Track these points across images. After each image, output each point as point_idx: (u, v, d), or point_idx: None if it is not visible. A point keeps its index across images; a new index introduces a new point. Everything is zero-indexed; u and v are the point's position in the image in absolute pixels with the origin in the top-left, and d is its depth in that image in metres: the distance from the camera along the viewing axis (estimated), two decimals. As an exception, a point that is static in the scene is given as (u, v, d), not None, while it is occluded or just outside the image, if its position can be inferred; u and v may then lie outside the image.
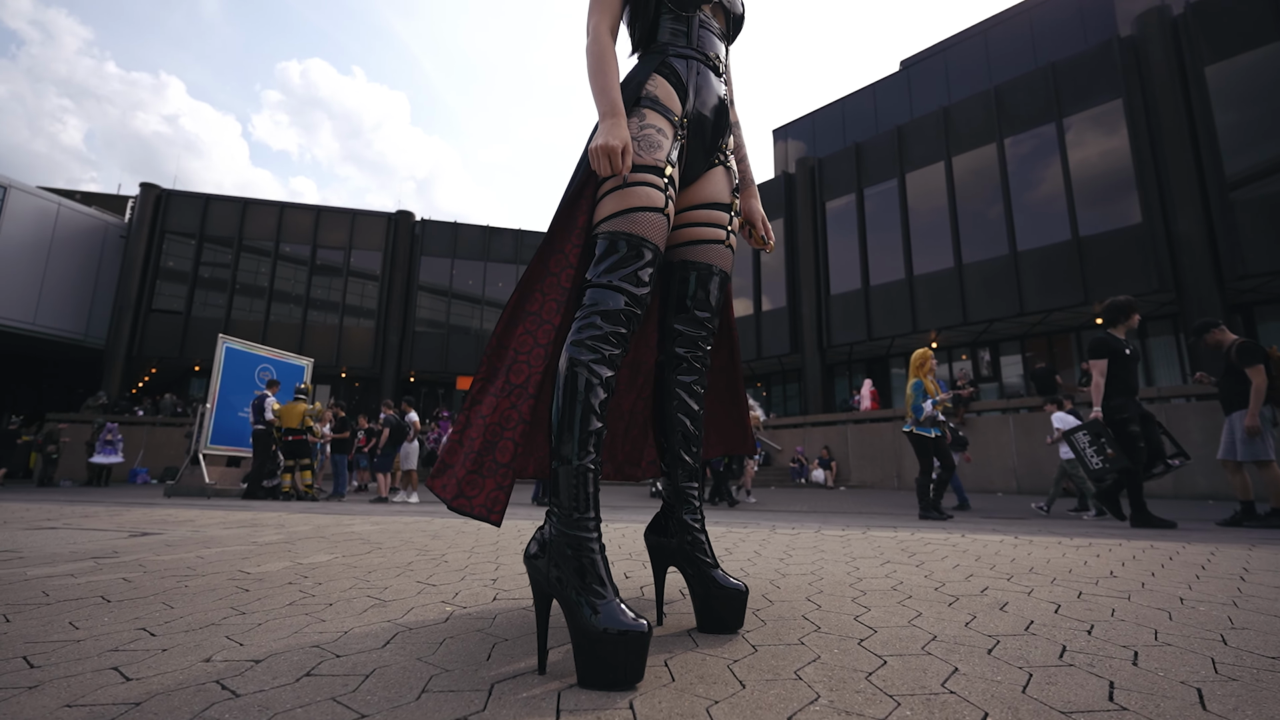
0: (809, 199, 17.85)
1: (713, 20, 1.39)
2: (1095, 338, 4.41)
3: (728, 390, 1.54)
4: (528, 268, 1.22)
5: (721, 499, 8.32)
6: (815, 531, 2.92)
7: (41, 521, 3.34)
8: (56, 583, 1.68)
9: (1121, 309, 4.41)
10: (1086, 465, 4.25)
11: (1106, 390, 4.26)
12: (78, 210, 19.52)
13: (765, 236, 1.53)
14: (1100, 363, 4.30)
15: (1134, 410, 4.22)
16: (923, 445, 5.72)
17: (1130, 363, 4.30)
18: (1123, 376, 4.26)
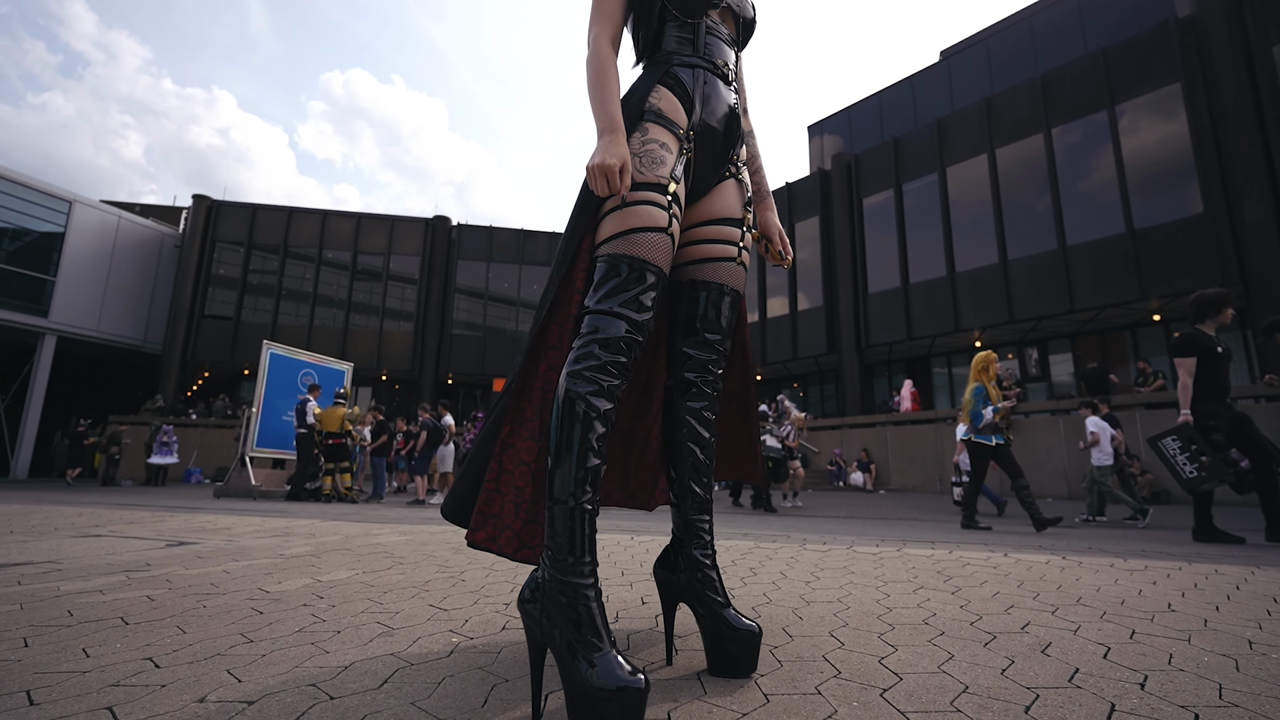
0: (845, 196, 17.47)
1: (721, 26, 1.32)
2: (1183, 334, 4.02)
3: (739, 414, 1.46)
4: (542, 297, 1.17)
5: (758, 504, 8.17)
6: (847, 548, 2.81)
7: (90, 528, 3.47)
8: (84, 600, 1.71)
9: (1212, 302, 3.99)
10: (1179, 475, 3.87)
11: (1195, 392, 3.91)
12: (136, 222, 20.47)
13: (782, 251, 1.45)
14: (1188, 361, 3.91)
15: (1224, 416, 3.85)
16: (980, 455, 5.39)
17: (1222, 362, 3.89)
18: (1213, 377, 3.87)
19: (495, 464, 1.13)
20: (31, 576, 2.06)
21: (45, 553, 2.56)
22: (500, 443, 1.14)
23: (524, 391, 1.16)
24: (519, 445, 1.14)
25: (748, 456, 1.48)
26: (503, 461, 1.13)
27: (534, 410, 1.14)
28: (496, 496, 1.11)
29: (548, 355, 1.16)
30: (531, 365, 1.16)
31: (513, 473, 1.12)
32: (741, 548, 2.80)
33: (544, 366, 1.15)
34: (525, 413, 1.15)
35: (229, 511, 4.97)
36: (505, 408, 1.15)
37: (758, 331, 19.04)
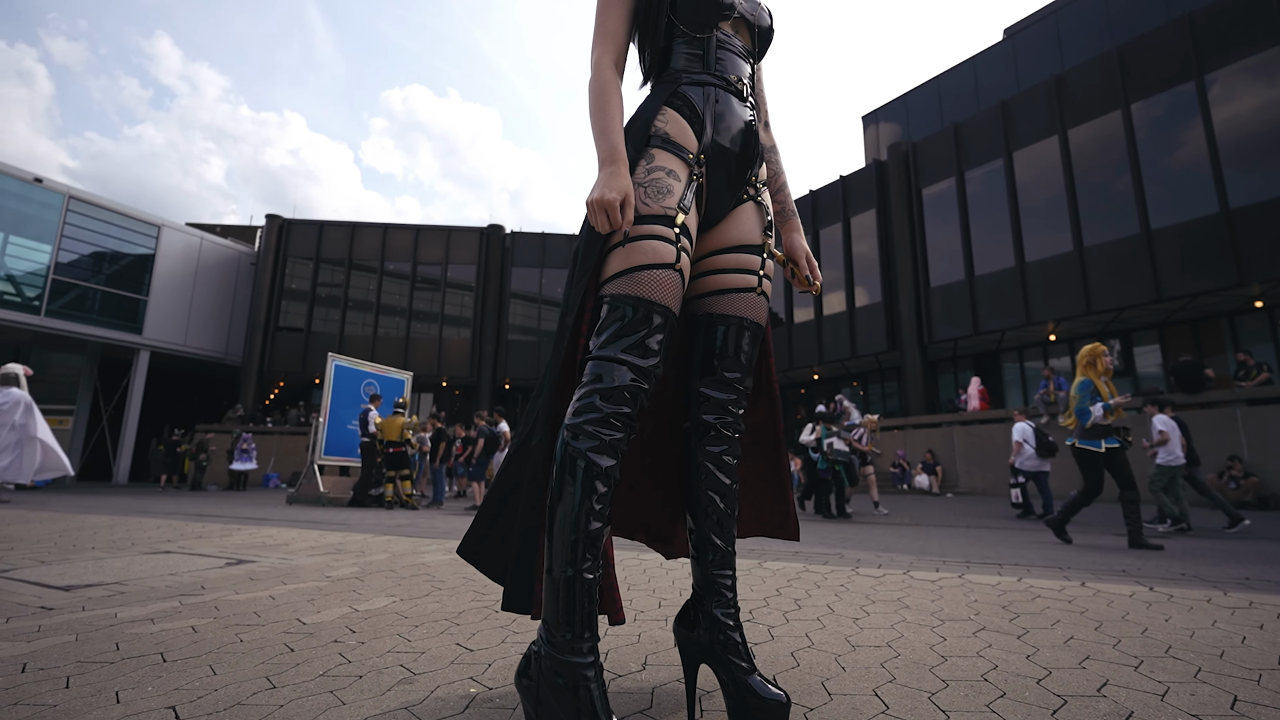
0: (903, 186, 16.81)
1: (734, 38, 1.22)
2: None
3: (766, 457, 1.35)
4: (555, 341, 1.11)
5: (820, 510, 7.88)
6: (904, 574, 2.64)
7: (162, 543, 3.66)
8: (133, 631, 1.76)
9: None
10: None
11: None
12: (216, 242, 21.84)
13: (810, 276, 1.33)
14: None
15: None
16: (1090, 463, 4.80)
17: None
18: None
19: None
20: (96, 600, 2.16)
21: (116, 572, 2.70)
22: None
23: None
24: None
25: (777, 505, 1.35)
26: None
27: None
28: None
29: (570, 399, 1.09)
30: (560, 406, 1.10)
31: None
32: (789, 571, 2.67)
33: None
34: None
35: (292, 523, 5.18)
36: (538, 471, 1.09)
37: (813, 329, 18.56)
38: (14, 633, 1.76)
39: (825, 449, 7.87)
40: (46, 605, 2.09)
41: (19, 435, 7.59)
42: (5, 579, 2.56)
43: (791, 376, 20.47)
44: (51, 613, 1.99)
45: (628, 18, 1.18)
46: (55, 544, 3.60)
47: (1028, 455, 7.83)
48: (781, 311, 19.73)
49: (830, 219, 18.60)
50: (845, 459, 7.83)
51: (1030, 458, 7.82)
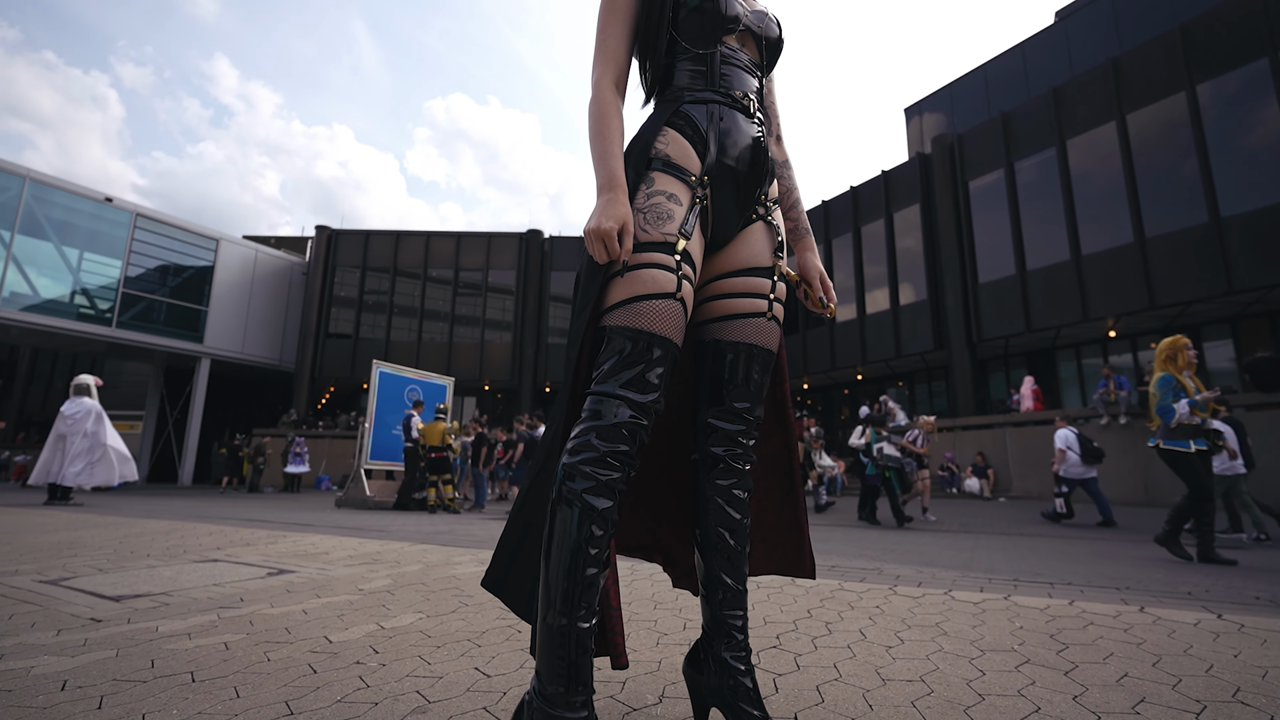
0: (948, 180, 16.27)
1: (740, 52, 1.17)
2: None
3: (780, 489, 1.28)
4: (565, 370, 1.08)
5: (865, 517, 7.58)
6: (945, 594, 2.52)
7: (212, 550, 3.80)
8: (170, 648, 1.82)
9: None
10: None
11: None
12: (270, 254, 22.77)
13: (825, 299, 1.27)
14: None
15: None
16: (1184, 465, 4.36)
17: None
18: None
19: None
20: (142, 612, 2.25)
21: (164, 582, 2.81)
22: None
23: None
24: None
25: (791, 540, 1.29)
26: None
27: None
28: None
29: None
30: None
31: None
32: (822, 590, 2.58)
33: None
34: None
35: (336, 529, 5.32)
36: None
37: (856, 328, 18.14)
38: (61, 646, 1.83)
39: (875, 454, 7.58)
40: (96, 617, 2.18)
41: (90, 443, 8.05)
42: (64, 588, 2.69)
43: (834, 377, 20.06)
44: (99, 625, 2.07)
45: (628, 36, 1.14)
46: (115, 550, 3.78)
47: (1073, 462, 7.56)
48: (823, 310, 19.33)
49: (872, 215, 18.15)
50: (897, 464, 7.49)
51: (1075, 464, 7.54)
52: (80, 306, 17.65)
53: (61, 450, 8.00)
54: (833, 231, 19.27)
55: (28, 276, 16.68)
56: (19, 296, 16.47)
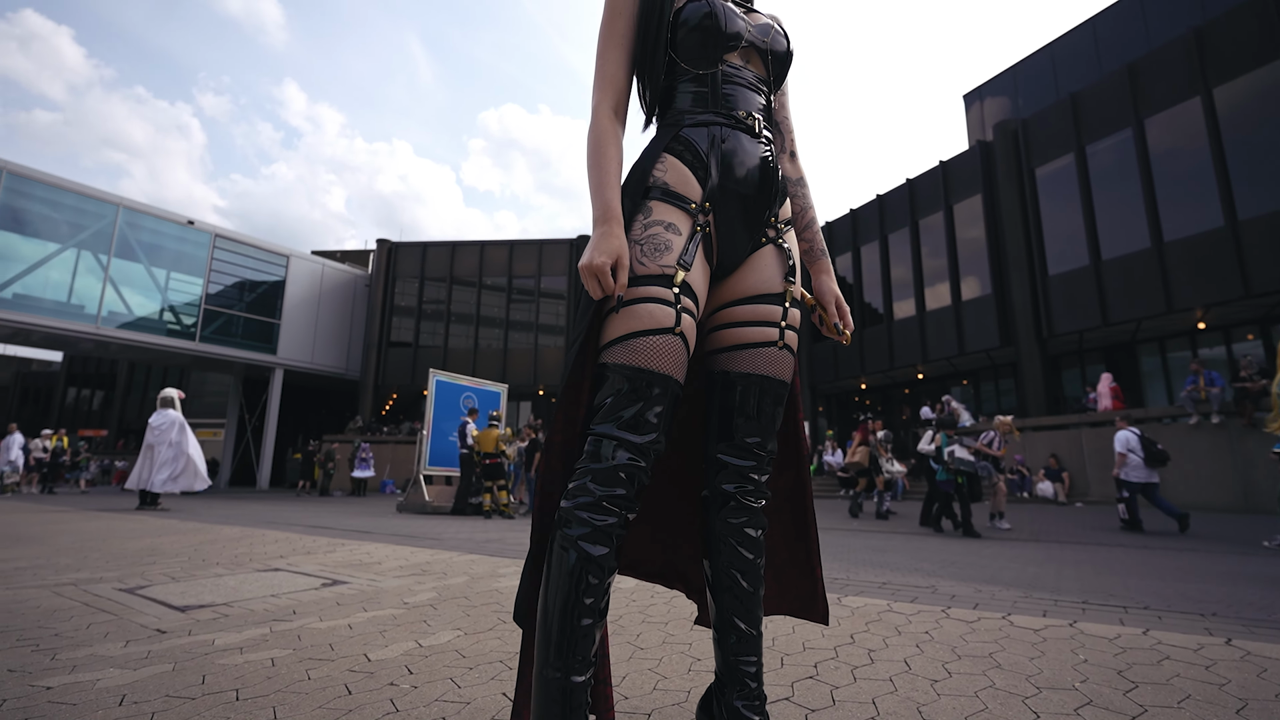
0: (1012, 168, 15.49)
1: (744, 69, 1.12)
2: None
3: (793, 525, 1.22)
4: (557, 401, 1.06)
5: (930, 524, 7.20)
6: (1003, 617, 2.37)
7: (275, 558, 3.99)
8: (222, 663, 1.90)
9: None
10: None
11: None
12: (335, 268, 23.89)
13: (840, 324, 1.20)
14: None
15: None
16: None
17: None
18: None
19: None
20: (203, 624, 2.37)
21: (228, 592, 2.96)
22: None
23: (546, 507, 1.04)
24: None
25: (804, 581, 1.22)
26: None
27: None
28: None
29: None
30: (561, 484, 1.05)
31: None
32: (869, 611, 2.47)
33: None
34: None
35: (392, 537, 5.50)
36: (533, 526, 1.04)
37: (916, 325, 17.48)
38: (126, 658, 1.94)
39: (946, 458, 7.17)
40: (161, 628, 2.31)
41: (175, 452, 8.61)
42: (138, 596, 2.87)
43: (893, 376, 19.40)
44: (163, 637, 2.19)
45: (627, 60, 1.11)
46: (189, 558, 4.01)
47: (1134, 465, 7.09)
48: (880, 306, 18.76)
49: (930, 208, 17.46)
50: (970, 468, 7.04)
51: (1137, 468, 7.05)
52: (168, 323, 18.98)
53: (150, 459, 8.60)
54: (888, 226, 18.65)
55: (123, 296, 18.06)
56: (116, 315, 17.85)
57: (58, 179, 16.96)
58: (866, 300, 19.37)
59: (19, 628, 2.31)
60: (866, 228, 19.50)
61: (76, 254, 17.35)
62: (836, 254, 20.58)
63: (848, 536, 6.47)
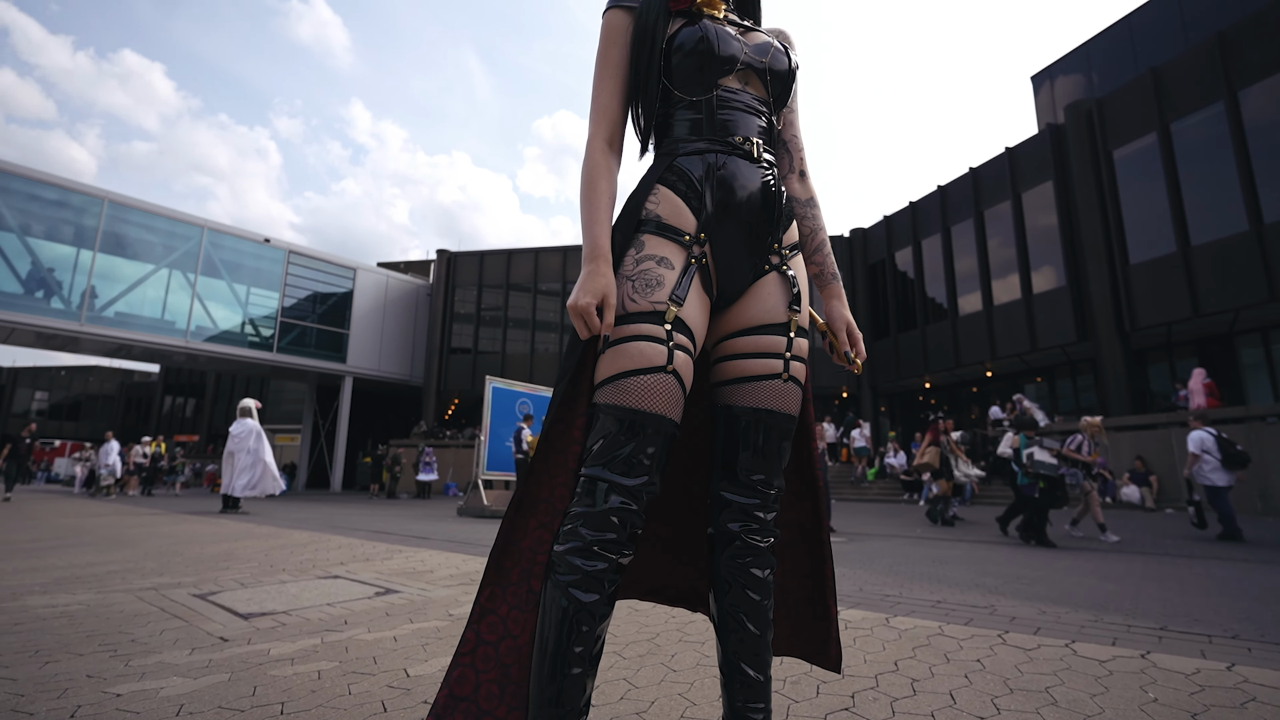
0: (1087, 151, 14.56)
1: (743, 91, 1.08)
2: None
3: (808, 559, 1.17)
4: (537, 444, 1.05)
5: (1026, 535, 6.47)
6: (1066, 645, 2.21)
7: (336, 565, 4.17)
8: (273, 674, 2.00)
9: None
10: None
11: None
12: (399, 278, 24.88)
13: (851, 353, 1.14)
14: None
15: None
16: None
17: None
18: None
19: (472, 633, 0.97)
20: (262, 633, 2.50)
21: (289, 599, 3.11)
22: (479, 607, 0.98)
23: (507, 549, 1.00)
24: (503, 613, 0.97)
25: (818, 622, 1.16)
26: (480, 631, 0.96)
27: (520, 573, 0.97)
28: (470, 674, 0.94)
29: (539, 510, 1.01)
30: (520, 519, 1.01)
31: (494, 645, 0.95)
32: (918, 634, 2.36)
33: (534, 523, 1.00)
34: (510, 574, 0.99)
35: (448, 543, 5.66)
36: (486, 567, 1.01)
37: (983, 321, 16.69)
38: (190, 667, 2.07)
39: (1025, 460, 6.66)
40: (225, 636, 2.45)
41: (253, 459, 9.15)
42: (209, 602, 3.06)
43: (960, 374, 18.57)
44: (224, 645, 2.32)
45: (621, 90, 1.10)
46: (259, 564, 4.25)
47: (1212, 468, 6.62)
48: (944, 300, 17.99)
49: (996, 197, 16.63)
50: (1051, 472, 6.47)
51: (1213, 469, 6.59)
52: (249, 335, 20.23)
53: (231, 465, 9.19)
54: (951, 218, 17.87)
55: (209, 311, 19.37)
56: (203, 329, 19.17)
57: (150, 205, 18.37)
58: (930, 295, 18.63)
59: (103, 632, 2.50)
60: (927, 220, 18.75)
61: (168, 273, 18.74)
62: (897, 248, 19.89)
63: (907, 545, 6.22)
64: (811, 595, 1.18)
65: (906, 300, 19.58)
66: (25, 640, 2.38)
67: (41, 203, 16.50)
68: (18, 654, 2.21)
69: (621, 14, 1.10)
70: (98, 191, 17.40)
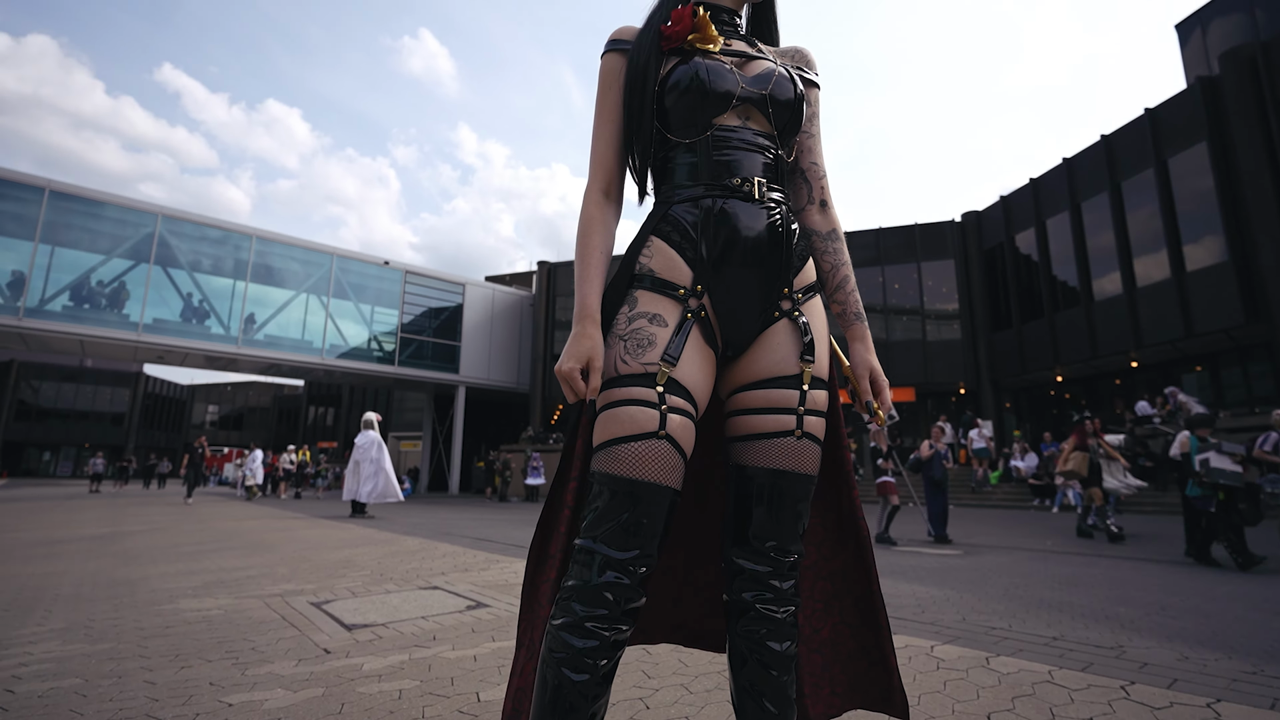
0: (1250, 104, 12.62)
1: (743, 128, 1.01)
2: None
3: (856, 609, 1.08)
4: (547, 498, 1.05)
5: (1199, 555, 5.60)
6: (1206, 705, 1.90)
7: (437, 575, 4.43)
8: (361, 690, 2.14)
9: None
10: None
11: None
12: (504, 291, 26.17)
13: (874, 403, 1.03)
14: None
15: None
16: None
17: None
18: None
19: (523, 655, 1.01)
20: (360, 646, 2.69)
21: (390, 611, 3.34)
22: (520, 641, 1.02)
23: (530, 603, 1.03)
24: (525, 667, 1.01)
25: (876, 671, 1.07)
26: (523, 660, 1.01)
27: (539, 634, 0.99)
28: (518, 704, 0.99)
29: (548, 566, 1.02)
30: (538, 570, 1.04)
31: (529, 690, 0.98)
32: (1023, 680, 2.13)
33: (545, 578, 1.02)
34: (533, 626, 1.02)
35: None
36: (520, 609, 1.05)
37: (1124, 305, 14.91)
38: (293, 679, 2.26)
39: (1199, 467, 5.56)
40: (328, 648, 2.66)
41: (375, 468, 9.94)
42: (323, 611, 3.34)
43: (1097, 366, 16.70)
44: (326, 658, 2.52)
45: (617, 137, 1.06)
46: (371, 571, 4.60)
47: None
48: (1076, 282, 16.26)
49: (1136, 166, 14.79)
50: (1232, 480, 5.37)
51: None
52: (374, 350, 22.09)
53: (356, 474, 10.05)
54: (1081, 193, 16.12)
55: (340, 330, 21.37)
56: (336, 346, 21.17)
57: (289, 237, 20.56)
58: (1060, 278, 16.89)
59: (231, 639, 2.80)
60: (1052, 198, 17.03)
61: (306, 298, 20.88)
62: (1016, 230, 18.23)
63: (1031, 561, 5.65)
64: (866, 644, 1.10)
65: (1030, 286, 17.89)
66: (172, 644, 2.72)
67: (206, 242, 18.94)
68: (163, 657, 2.53)
69: (618, 58, 1.07)
70: (248, 229, 19.72)
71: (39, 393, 43.92)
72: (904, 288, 20.62)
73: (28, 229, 15.97)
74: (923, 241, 20.38)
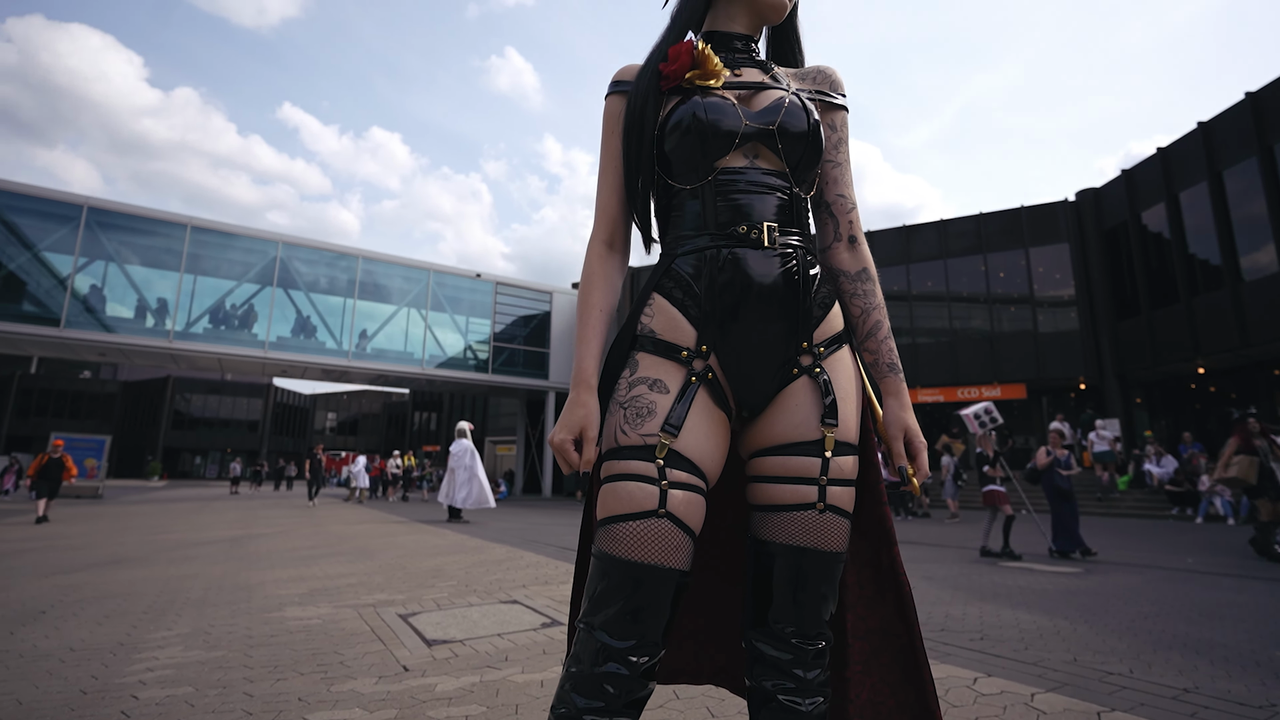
0: None
1: (751, 168, 0.92)
2: None
3: (897, 665, 0.97)
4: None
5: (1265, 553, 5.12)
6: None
7: (518, 587, 4.54)
8: (430, 715, 2.20)
9: None
10: None
11: None
12: (588, 297, 26.75)
13: (909, 469, 0.91)
14: None
15: None
16: None
17: None
18: None
19: None
20: (437, 664, 2.78)
21: (469, 626, 3.44)
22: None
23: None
24: None
25: None
26: None
27: None
28: None
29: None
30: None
31: None
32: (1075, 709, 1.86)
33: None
34: None
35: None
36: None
37: (1232, 299, 13.03)
38: (371, 698, 2.37)
39: None
40: (407, 665, 2.77)
41: (468, 474, 10.40)
42: (408, 624, 3.50)
43: (1248, 355, 14.69)
44: (404, 676, 2.62)
45: (620, 186, 1.00)
46: (458, 582, 4.79)
47: None
48: (1219, 261, 14.40)
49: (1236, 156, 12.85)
50: None
51: None
52: (469, 359, 23.22)
53: (452, 480, 10.56)
54: (1221, 161, 14.25)
55: (438, 341, 22.64)
56: (435, 356, 22.45)
57: (389, 255, 22.03)
58: (1199, 257, 15.02)
59: (324, 651, 2.98)
60: (1186, 168, 15.17)
61: (407, 311, 22.29)
62: (1143, 207, 16.39)
63: (1168, 582, 5.00)
64: (907, 701, 0.98)
65: (1162, 268, 16.02)
66: (273, 654, 2.93)
67: (319, 265, 20.67)
68: (264, 668, 2.73)
69: (619, 100, 1.01)
70: (354, 250, 21.32)
71: (190, 404, 49.78)
72: (1010, 275, 19.10)
73: (175, 260, 18.11)
74: (1030, 225, 18.79)
